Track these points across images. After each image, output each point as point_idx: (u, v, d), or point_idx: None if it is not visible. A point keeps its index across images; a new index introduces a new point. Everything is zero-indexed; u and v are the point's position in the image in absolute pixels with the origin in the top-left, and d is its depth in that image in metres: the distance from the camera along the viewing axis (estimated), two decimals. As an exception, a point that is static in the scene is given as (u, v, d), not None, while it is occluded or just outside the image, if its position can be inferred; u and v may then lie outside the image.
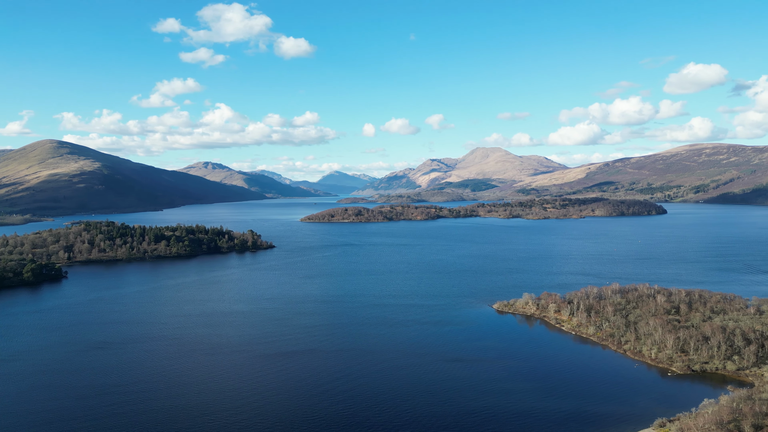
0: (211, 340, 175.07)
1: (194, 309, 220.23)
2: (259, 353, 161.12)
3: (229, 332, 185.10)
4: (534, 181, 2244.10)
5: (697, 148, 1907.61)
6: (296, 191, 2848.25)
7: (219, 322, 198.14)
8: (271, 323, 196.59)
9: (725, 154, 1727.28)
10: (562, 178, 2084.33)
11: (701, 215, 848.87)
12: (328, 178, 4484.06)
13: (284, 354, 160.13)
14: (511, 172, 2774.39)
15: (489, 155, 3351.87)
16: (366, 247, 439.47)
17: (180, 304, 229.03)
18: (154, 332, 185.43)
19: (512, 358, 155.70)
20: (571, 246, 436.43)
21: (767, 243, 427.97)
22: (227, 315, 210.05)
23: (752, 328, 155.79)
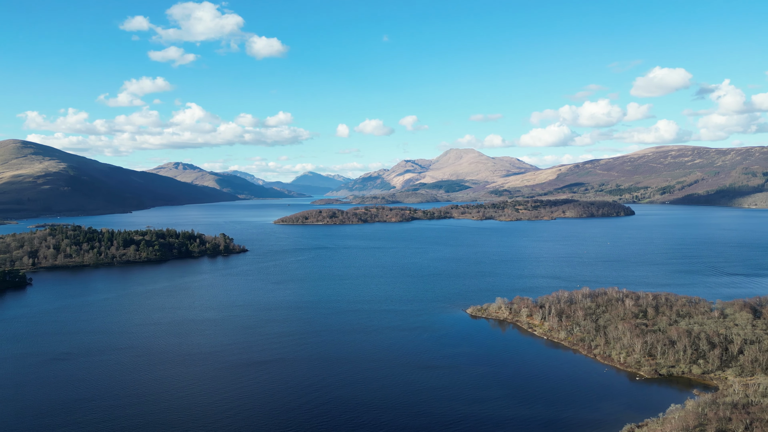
0: (181, 350, 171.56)
1: (164, 317, 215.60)
2: (230, 363, 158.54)
3: (200, 341, 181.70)
4: (506, 182, 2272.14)
5: (663, 150, 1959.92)
6: (269, 192, 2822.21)
7: (189, 331, 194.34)
8: (242, 331, 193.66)
9: (690, 156, 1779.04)
10: (534, 179, 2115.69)
11: (667, 216, 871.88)
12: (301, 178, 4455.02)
13: (255, 363, 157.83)
14: (484, 173, 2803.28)
15: (462, 156, 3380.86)
16: (340, 250, 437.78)
17: (149, 312, 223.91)
18: (122, 342, 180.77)
19: (486, 365, 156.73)
20: (543, 248, 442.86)
21: (729, 245, 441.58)
22: (198, 323, 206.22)
23: (716, 331, 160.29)
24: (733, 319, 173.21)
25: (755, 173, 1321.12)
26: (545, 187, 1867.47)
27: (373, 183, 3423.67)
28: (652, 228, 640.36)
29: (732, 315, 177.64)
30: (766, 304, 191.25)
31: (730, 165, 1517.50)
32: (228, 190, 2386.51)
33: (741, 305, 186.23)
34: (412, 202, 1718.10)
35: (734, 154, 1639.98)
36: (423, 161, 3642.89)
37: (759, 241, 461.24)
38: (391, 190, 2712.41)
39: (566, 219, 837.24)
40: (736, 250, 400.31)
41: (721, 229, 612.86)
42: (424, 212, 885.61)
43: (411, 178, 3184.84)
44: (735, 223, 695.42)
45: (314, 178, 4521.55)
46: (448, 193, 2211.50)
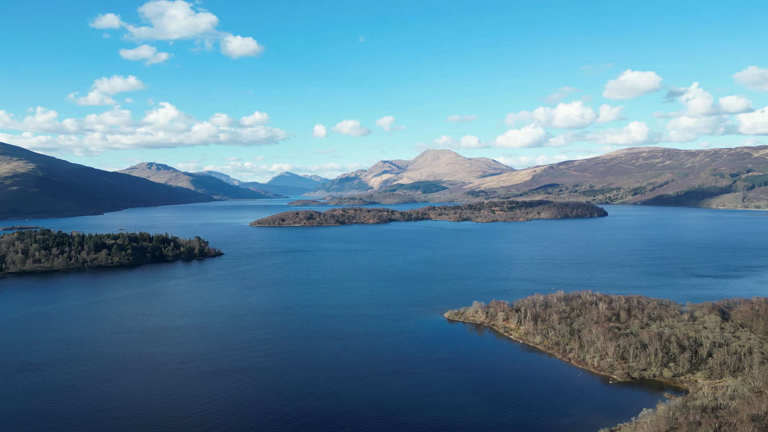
0: (154, 359, 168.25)
1: (136, 325, 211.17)
2: (203, 372, 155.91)
3: (173, 349, 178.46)
4: (483, 183, 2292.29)
5: (635, 152, 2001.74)
6: (245, 193, 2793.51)
7: (162, 339, 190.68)
8: (216, 339, 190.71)
9: (660, 158, 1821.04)
10: (510, 180, 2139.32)
11: (638, 217, 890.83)
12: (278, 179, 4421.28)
13: (228, 372, 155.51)
14: (461, 174, 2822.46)
15: (439, 157, 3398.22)
16: (317, 253, 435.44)
17: (121, 320, 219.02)
18: (93, 351, 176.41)
19: (462, 370, 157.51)
20: (518, 250, 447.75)
21: (697, 246, 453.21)
22: (171, 331, 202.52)
23: (686, 335, 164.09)
24: (703, 322, 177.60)
25: (723, 174, 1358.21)
26: (521, 188, 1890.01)
27: (351, 183, 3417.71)
28: (625, 229, 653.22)
29: (701, 318, 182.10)
30: (734, 306, 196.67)
31: (698, 166, 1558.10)
32: (203, 190, 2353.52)
33: (710, 308, 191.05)
34: (389, 203, 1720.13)
35: (703, 155, 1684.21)
36: (400, 162, 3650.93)
37: (725, 242, 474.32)
38: (369, 191, 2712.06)
39: (541, 220, 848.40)
40: (704, 252, 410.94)
41: (690, 230, 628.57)
42: (402, 213, 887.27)
43: (388, 178, 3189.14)
44: (703, 224, 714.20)
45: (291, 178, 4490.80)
46: (426, 194, 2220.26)
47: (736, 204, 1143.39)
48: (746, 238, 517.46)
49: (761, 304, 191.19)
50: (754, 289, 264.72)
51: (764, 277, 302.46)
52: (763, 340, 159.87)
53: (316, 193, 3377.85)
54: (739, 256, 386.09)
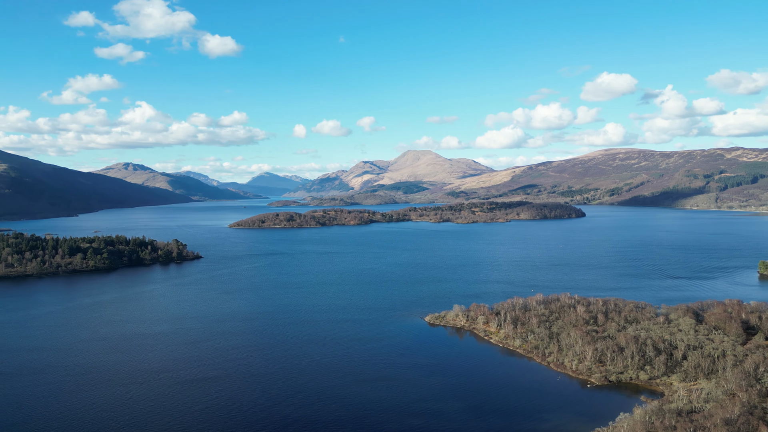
0: (130, 367, 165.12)
1: (112, 331, 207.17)
2: (180, 380, 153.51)
3: (150, 357, 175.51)
4: (463, 183, 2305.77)
5: (611, 153, 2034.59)
6: (224, 193, 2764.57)
7: (138, 346, 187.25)
8: (194, 346, 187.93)
9: (636, 159, 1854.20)
10: (489, 180, 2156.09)
11: (615, 218, 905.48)
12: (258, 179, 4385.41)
13: (206, 380, 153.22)
14: (441, 174, 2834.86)
15: (420, 158, 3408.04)
16: (297, 256, 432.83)
17: (97, 327, 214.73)
18: (67, 360, 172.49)
19: (443, 375, 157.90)
20: (498, 252, 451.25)
21: (672, 247, 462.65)
22: (148, 337, 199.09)
23: (662, 337, 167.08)
24: (677, 325, 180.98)
25: (696, 175, 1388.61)
26: (500, 188, 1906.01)
27: (331, 184, 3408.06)
28: (602, 230, 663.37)
29: (676, 320, 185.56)
30: (707, 308, 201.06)
31: (673, 167, 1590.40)
32: (181, 191, 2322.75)
33: (684, 310, 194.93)
34: (370, 203, 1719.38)
35: (677, 157, 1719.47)
36: (381, 162, 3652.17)
37: (698, 244, 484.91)
38: (350, 192, 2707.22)
39: (520, 221, 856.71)
40: (677, 253, 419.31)
41: (664, 231, 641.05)
42: (383, 215, 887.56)
43: (369, 179, 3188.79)
44: (677, 225, 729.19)
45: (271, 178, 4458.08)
46: (407, 194, 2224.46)
47: (710, 204, 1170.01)
48: (718, 239, 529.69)
49: (733, 306, 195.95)
50: (727, 290, 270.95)
51: (736, 278, 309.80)
52: (735, 342, 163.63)
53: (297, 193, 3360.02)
54: (712, 257, 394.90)
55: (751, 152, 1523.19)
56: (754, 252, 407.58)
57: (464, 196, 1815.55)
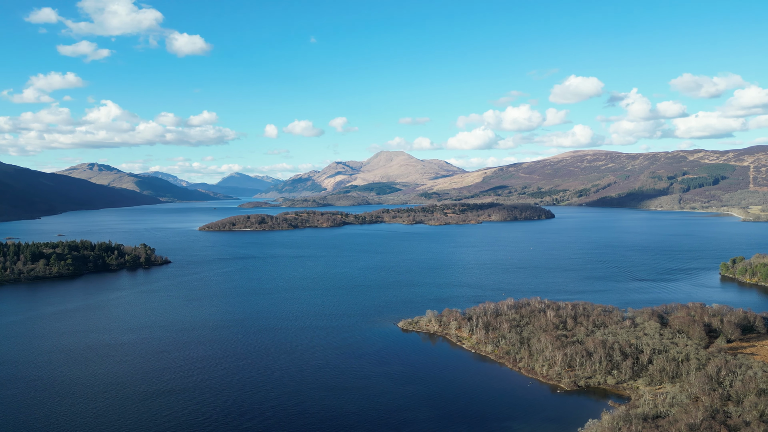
0: (94, 380, 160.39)
1: (77, 342, 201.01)
2: (145, 392, 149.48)
3: (115, 369, 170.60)
4: (435, 184, 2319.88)
5: (579, 155, 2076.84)
6: (194, 194, 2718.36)
7: (103, 357, 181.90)
8: (160, 356, 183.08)
9: (604, 161, 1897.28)
10: (461, 182, 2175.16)
11: (583, 219, 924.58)
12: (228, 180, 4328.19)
13: (172, 392, 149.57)
14: (414, 175, 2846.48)
15: (393, 159, 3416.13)
16: (269, 260, 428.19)
17: (60, 337, 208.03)
18: (29, 373, 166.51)
19: (415, 383, 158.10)
20: (470, 254, 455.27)
21: (637, 249, 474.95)
22: (113, 348, 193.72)
23: (628, 342, 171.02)
24: (643, 329, 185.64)
25: (661, 177, 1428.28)
26: (472, 189, 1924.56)
27: (304, 185, 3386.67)
28: (570, 231, 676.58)
29: (642, 324, 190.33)
30: (671, 311, 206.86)
31: (638, 169, 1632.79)
32: (149, 192, 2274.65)
33: (650, 313, 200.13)
34: (343, 204, 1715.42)
35: (642, 159, 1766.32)
36: (354, 163, 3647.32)
37: (662, 245, 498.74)
38: (322, 193, 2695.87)
39: (492, 222, 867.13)
40: (643, 255, 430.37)
41: (629, 232, 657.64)
42: (356, 217, 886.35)
43: (342, 179, 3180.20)
44: (641, 226, 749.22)
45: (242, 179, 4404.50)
46: (380, 195, 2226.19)
47: (673, 205, 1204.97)
48: (680, 240, 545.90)
49: (696, 309, 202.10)
50: (690, 292, 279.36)
51: (699, 279, 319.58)
52: (698, 345, 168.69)
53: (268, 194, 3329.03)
54: (675, 258, 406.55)
55: (713, 154, 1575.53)
56: (715, 253, 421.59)
57: (437, 197, 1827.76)
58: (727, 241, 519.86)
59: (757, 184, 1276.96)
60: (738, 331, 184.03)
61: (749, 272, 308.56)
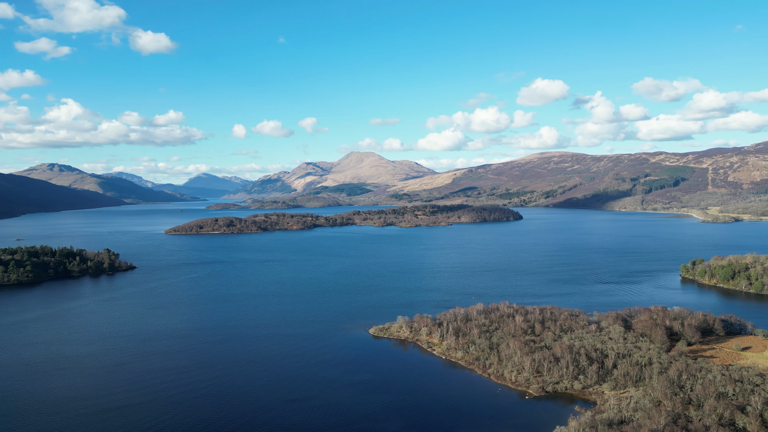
0: (52, 394, 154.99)
1: (35, 354, 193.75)
2: (101, 407, 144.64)
3: (76, 383, 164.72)
4: (406, 185, 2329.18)
5: (546, 156, 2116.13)
6: (160, 195, 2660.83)
7: (63, 370, 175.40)
8: (120, 369, 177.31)
9: (570, 162, 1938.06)
10: (431, 183, 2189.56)
11: (550, 220, 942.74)
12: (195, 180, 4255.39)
13: (128, 407, 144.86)
14: (385, 176, 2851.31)
15: (363, 159, 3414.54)
16: (237, 264, 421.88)
17: (18, 349, 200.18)
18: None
19: (386, 392, 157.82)
20: (440, 257, 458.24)
21: (601, 251, 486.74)
22: (74, 360, 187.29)
23: (594, 346, 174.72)
24: (608, 333, 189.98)
25: (624, 179, 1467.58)
26: (442, 190, 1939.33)
27: (273, 185, 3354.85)
28: (537, 233, 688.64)
29: (607, 328, 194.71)
30: (635, 315, 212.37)
31: (603, 171, 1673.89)
32: (112, 194, 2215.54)
33: (614, 317, 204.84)
34: (313, 206, 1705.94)
35: (607, 160, 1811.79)
36: (324, 164, 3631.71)
37: (625, 247, 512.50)
38: (292, 194, 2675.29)
39: (462, 224, 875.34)
40: (606, 257, 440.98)
41: (594, 234, 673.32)
42: (326, 219, 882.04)
43: (312, 180, 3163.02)
44: (605, 228, 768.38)
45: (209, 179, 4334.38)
46: (350, 196, 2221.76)
47: (636, 207, 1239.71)
48: (643, 241, 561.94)
49: (658, 312, 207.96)
50: (653, 294, 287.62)
51: (660, 281, 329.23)
52: (660, 349, 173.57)
53: (237, 195, 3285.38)
54: (638, 260, 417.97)
55: (673, 156, 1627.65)
56: (675, 255, 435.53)
57: (407, 199, 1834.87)
58: (686, 243, 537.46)
59: (715, 185, 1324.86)
60: (698, 334, 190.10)
61: (708, 274, 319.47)
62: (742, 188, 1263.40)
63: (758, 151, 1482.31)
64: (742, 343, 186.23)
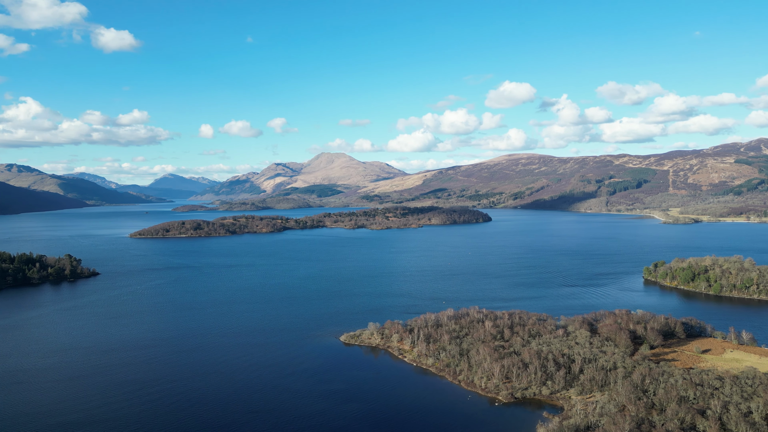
0: (9, 411, 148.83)
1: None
2: (63, 423, 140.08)
3: (34, 398, 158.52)
4: (377, 187, 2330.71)
5: (514, 158, 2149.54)
6: (124, 197, 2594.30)
7: (20, 384, 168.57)
8: (76, 383, 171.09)
9: (537, 164, 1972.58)
10: (402, 184, 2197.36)
11: (518, 222, 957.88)
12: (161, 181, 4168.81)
13: (90, 423, 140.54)
14: (356, 177, 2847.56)
15: (334, 160, 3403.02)
16: (205, 270, 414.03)
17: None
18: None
19: (356, 401, 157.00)
20: (410, 261, 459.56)
21: (567, 254, 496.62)
22: (32, 373, 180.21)
23: (561, 351, 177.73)
24: (575, 337, 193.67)
25: (590, 180, 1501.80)
26: (413, 192, 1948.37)
27: (242, 187, 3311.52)
28: (506, 235, 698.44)
29: (574, 333, 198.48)
30: (600, 318, 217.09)
31: (569, 173, 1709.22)
32: (74, 195, 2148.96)
33: (581, 321, 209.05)
34: (283, 208, 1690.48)
35: (573, 162, 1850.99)
36: (294, 164, 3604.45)
37: (589, 249, 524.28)
38: (261, 195, 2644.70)
39: (432, 226, 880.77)
40: (572, 260, 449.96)
41: (560, 236, 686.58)
42: (297, 221, 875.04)
43: (282, 181, 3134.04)
44: (571, 229, 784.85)
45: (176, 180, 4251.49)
46: (321, 198, 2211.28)
47: (601, 208, 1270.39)
48: (607, 243, 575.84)
49: (623, 316, 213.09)
50: (618, 297, 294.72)
51: (624, 283, 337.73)
52: (624, 353, 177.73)
53: (204, 196, 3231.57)
54: (603, 263, 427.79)
55: (636, 159, 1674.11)
56: (638, 257, 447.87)
57: (378, 200, 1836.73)
58: (648, 245, 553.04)
59: (675, 187, 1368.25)
60: (660, 338, 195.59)
61: (669, 276, 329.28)
62: (701, 190, 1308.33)
63: (716, 154, 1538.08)
64: (701, 346, 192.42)
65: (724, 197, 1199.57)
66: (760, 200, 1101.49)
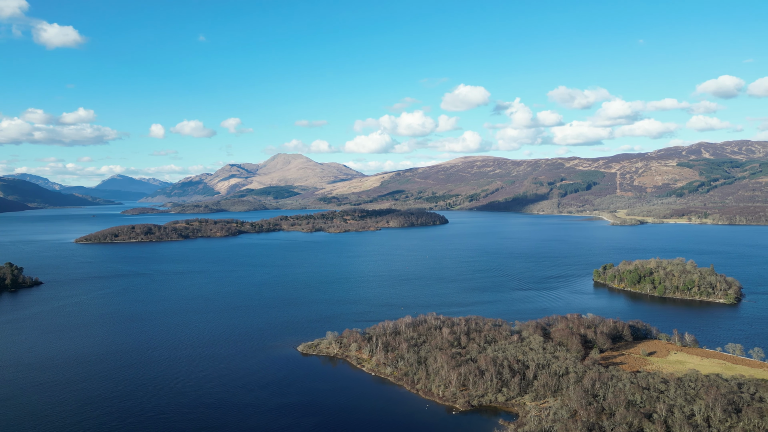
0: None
1: None
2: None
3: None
4: (334, 188, 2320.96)
5: (470, 161, 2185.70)
6: (69, 199, 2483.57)
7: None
8: (15, 402, 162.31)
9: (492, 167, 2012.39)
10: (360, 186, 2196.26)
11: (474, 224, 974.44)
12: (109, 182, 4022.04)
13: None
14: (313, 179, 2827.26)
15: (291, 161, 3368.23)
16: (156, 277, 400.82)
17: None
18: None
19: (313, 414, 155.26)
20: (368, 265, 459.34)
21: (520, 257, 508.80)
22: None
23: (516, 357, 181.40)
24: (529, 343, 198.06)
25: (542, 183, 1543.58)
26: (371, 194, 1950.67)
27: (195, 188, 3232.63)
28: (462, 237, 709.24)
29: (528, 338, 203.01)
30: (553, 323, 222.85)
31: (523, 175, 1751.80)
32: (14, 197, 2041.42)
33: (534, 327, 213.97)
34: (238, 210, 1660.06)
35: (526, 165, 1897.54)
36: (249, 166, 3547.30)
37: (542, 251, 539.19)
38: (215, 197, 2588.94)
39: (390, 229, 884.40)
40: (525, 263, 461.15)
41: (514, 238, 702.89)
42: (252, 225, 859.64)
43: (237, 183, 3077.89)
44: (524, 231, 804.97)
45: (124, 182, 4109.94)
46: (277, 199, 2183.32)
47: (553, 210, 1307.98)
48: (558, 245, 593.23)
49: (574, 321, 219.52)
50: (569, 300, 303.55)
51: (575, 286, 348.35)
52: (576, 358, 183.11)
53: (155, 198, 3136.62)
54: (555, 265, 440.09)
55: (586, 161, 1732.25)
56: (588, 259, 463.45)
57: (336, 202, 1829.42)
58: (597, 247, 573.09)
59: (622, 189, 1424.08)
60: (609, 341, 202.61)
61: (617, 278, 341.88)
62: (646, 192, 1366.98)
63: (660, 157, 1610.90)
64: (648, 348, 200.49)
65: (667, 199, 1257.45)
66: (700, 202, 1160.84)
